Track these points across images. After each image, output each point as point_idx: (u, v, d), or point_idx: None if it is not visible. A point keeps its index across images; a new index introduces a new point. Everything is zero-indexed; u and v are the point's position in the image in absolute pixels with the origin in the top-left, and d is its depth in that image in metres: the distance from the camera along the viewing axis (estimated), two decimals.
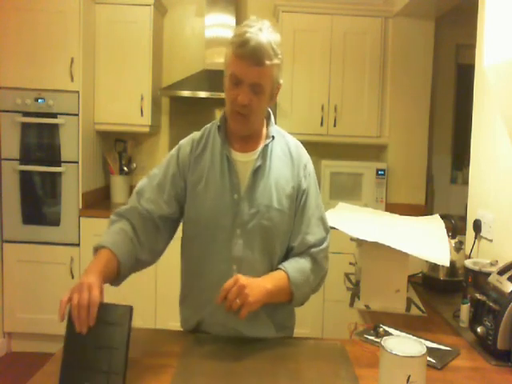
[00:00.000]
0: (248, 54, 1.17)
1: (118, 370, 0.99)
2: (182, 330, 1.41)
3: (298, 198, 1.33)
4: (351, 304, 1.64)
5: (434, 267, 1.83)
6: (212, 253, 1.30)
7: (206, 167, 1.30)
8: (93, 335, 1.00)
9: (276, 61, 1.21)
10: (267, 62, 1.18)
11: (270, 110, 1.37)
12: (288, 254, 1.35)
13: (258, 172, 1.29)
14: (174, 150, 1.37)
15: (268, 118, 1.36)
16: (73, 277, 3.07)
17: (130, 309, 1.02)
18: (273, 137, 1.33)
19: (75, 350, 1.00)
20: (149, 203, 1.30)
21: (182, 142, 1.38)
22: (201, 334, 1.33)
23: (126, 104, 3.26)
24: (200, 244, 1.31)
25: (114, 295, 1.36)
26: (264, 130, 1.36)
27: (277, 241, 1.30)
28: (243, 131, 1.30)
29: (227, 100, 1.25)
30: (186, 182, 1.32)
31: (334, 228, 1.55)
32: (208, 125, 1.40)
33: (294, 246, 1.33)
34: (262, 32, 1.18)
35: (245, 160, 1.30)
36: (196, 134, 1.38)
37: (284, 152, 1.35)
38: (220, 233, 1.28)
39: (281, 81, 1.28)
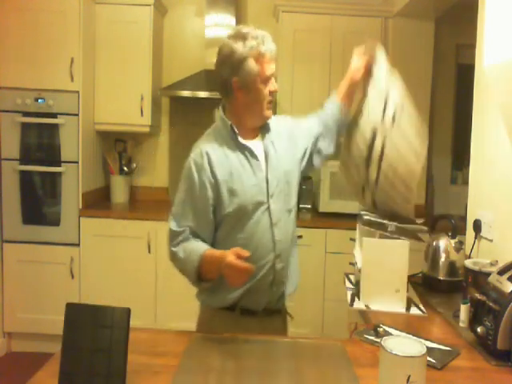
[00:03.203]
0: (274, 52, 1.45)
1: (117, 372, 0.99)
2: (182, 330, 1.40)
3: (299, 139, 1.61)
4: (351, 304, 1.64)
5: (434, 267, 1.83)
6: (256, 228, 1.46)
7: (228, 163, 1.46)
8: (91, 338, 1.00)
9: None
10: None
11: None
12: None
13: (268, 148, 1.52)
14: (190, 174, 1.46)
15: None
16: (73, 277, 3.07)
17: (128, 311, 1.02)
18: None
19: (73, 353, 1.00)
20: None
21: (195, 159, 1.47)
22: (201, 334, 1.33)
23: (126, 104, 3.25)
24: (243, 227, 1.46)
25: (115, 295, 1.36)
26: None
27: (293, 194, 1.56)
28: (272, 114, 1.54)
29: (264, 97, 1.46)
30: (216, 188, 1.45)
31: None
32: (209, 131, 1.56)
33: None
34: (269, 37, 1.46)
35: (255, 144, 1.52)
36: (204, 145, 1.49)
37: (277, 123, 1.59)
38: (259, 209, 1.46)
39: None
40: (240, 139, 1.48)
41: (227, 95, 1.48)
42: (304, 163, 1.63)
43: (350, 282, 1.88)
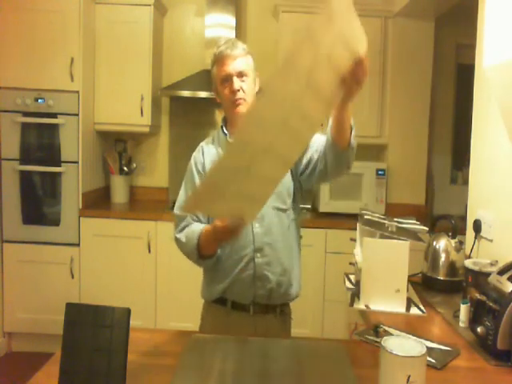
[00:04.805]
0: (228, 52, 1.48)
1: (117, 372, 0.98)
2: (182, 330, 1.41)
3: None
4: (351, 304, 1.64)
5: (434, 267, 1.83)
6: None
7: (217, 156, 1.57)
8: (91, 338, 1.00)
9: (249, 55, 1.53)
10: (243, 52, 1.50)
11: None
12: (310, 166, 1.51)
13: None
14: (189, 165, 1.64)
15: None
16: (73, 277, 3.07)
17: (128, 311, 1.02)
18: None
19: (73, 353, 1.00)
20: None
21: (194, 154, 1.64)
22: (201, 334, 1.33)
23: (125, 104, 3.25)
24: None
25: (115, 295, 1.36)
26: None
27: (285, 194, 1.54)
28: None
29: (226, 98, 1.52)
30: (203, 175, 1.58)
31: None
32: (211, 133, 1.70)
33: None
34: (231, 40, 1.53)
35: None
36: (203, 143, 1.67)
37: None
38: None
39: (257, 72, 1.56)
40: (228, 138, 1.60)
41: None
42: (304, 171, 1.52)
43: (350, 281, 1.88)
